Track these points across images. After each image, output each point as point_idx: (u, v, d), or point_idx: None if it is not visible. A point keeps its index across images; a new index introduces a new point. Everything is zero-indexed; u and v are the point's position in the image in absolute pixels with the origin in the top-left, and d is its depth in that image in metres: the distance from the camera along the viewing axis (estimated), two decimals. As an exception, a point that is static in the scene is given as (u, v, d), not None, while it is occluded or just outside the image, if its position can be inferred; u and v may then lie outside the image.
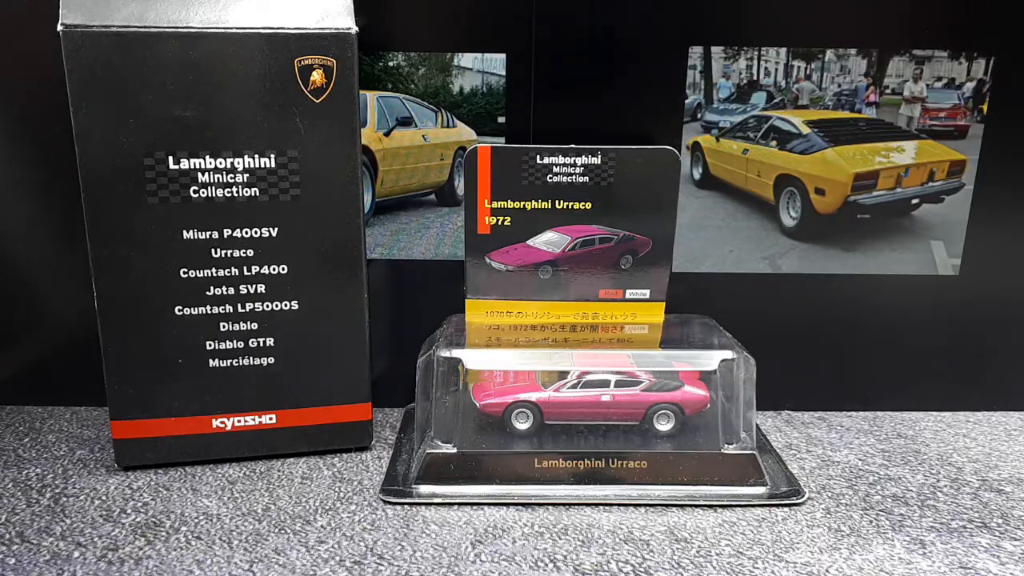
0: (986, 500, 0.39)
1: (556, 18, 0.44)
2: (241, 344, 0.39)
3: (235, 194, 0.37)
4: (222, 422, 0.40)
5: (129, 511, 0.37)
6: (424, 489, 0.38)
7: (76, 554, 0.33)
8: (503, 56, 0.44)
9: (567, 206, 0.43)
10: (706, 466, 0.39)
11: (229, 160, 0.36)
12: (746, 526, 0.36)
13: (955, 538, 0.36)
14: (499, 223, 0.43)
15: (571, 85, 0.45)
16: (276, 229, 0.38)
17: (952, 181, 0.47)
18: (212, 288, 0.38)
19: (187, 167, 0.36)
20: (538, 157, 0.42)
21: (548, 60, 0.44)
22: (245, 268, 0.38)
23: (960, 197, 0.47)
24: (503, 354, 0.42)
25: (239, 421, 0.40)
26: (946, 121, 0.46)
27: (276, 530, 0.35)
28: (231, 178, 0.37)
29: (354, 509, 0.37)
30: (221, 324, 0.39)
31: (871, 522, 0.37)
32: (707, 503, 0.38)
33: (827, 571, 0.33)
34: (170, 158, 0.36)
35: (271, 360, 0.40)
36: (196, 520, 0.36)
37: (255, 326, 0.39)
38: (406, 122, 0.45)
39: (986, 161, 0.46)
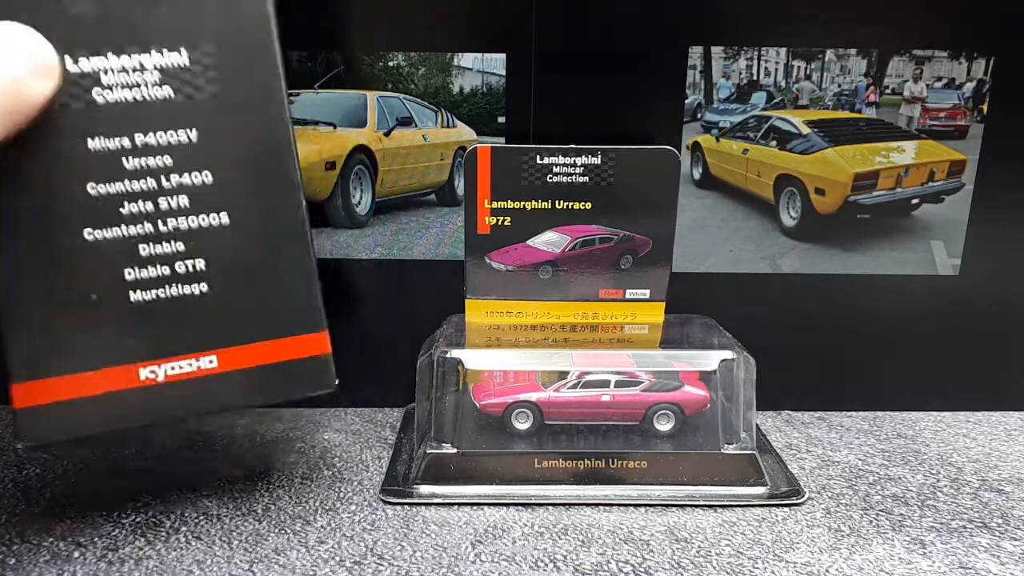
0: (986, 500, 0.39)
1: (556, 18, 0.44)
2: (167, 270, 0.33)
3: (146, 95, 0.32)
4: (152, 371, 0.33)
5: (129, 511, 0.37)
6: (424, 489, 0.38)
7: (76, 554, 0.33)
8: (503, 56, 0.44)
9: (567, 206, 0.43)
10: (706, 466, 0.39)
11: (136, 58, 0.32)
12: (746, 526, 0.36)
13: (955, 538, 0.36)
14: (499, 223, 0.43)
15: (571, 85, 0.45)
16: (195, 131, 0.33)
17: (952, 181, 0.47)
18: (127, 204, 0.32)
19: (88, 68, 0.31)
20: (538, 157, 0.42)
21: (548, 60, 0.44)
22: (163, 178, 0.33)
23: (960, 197, 0.47)
24: (503, 354, 0.42)
25: (172, 368, 0.33)
26: (946, 121, 0.46)
27: (276, 530, 0.35)
28: (140, 77, 0.33)
29: (354, 509, 0.37)
30: (140, 247, 0.33)
31: (871, 522, 0.37)
32: (707, 503, 0.38)
33: (827, 571, 0.33)
34: (68, 58, 0.31)
35: (204, 288, 0.34)
36: (196, 520, 0.36)
37: (181, 247, 0.33)
38: (406, 122, 0.45)
39: (986, 161, 0.46)
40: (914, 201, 0.47)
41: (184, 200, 0.33)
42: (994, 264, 0.48)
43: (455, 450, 0.39)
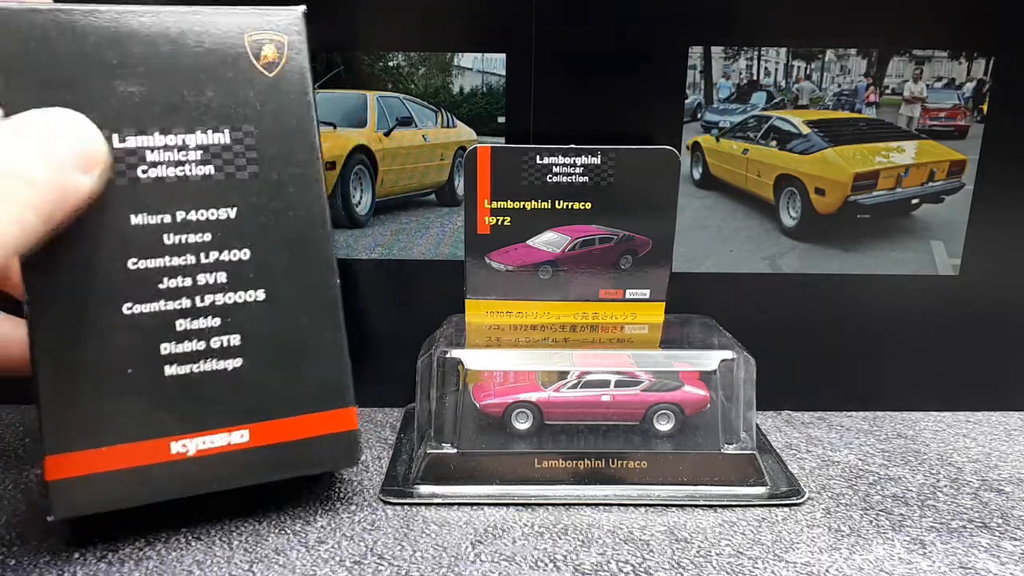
0: (986, 500, 0.39)
1: (556, 18, 0.44)
2: (202, 345, 0.34)
3: (188, 173, 0.33)
4: (183, 445, 0.34)
5: (129, 511, 0.37)
6: (424, 489, 0.38)
7: (76, 554, 0.33)
8: (503, 56, 0.44)
9: (567, 206, 0.43)
10: (706, 466, 0.39)
11: (180, 137, 0.33)
12: (746, 526, 0.36)
13: (955, 538, 0.36)
14: (499, 223, 0.43)
15: (571, 85, 0.45)
16: (234, 210, 0.34)
17: (952, 181, 0.47)
18: (166, 280, 0.33)
19: (134, 145, 0.32)
20: (538, 157, 0.42)
21: (548, 60, 0.44)
22: (203, 255, 0.34)
23: (960, 197, 0.47)
24: (503, 354, 0.42)
25: (203, 443, 0.34)
26: (946, 121, 0.46)
27: (276, 530, 0.35)
28: (183, 156, 0.33)
29: (354, 509, 0.37)
30: (177, 322, 0.34)
31: (871, 522, 0.37)
32: (707, 503, 0.38)
33: (827, 571, 0.33)
34: (115, 136, 0.32)
35: (238, 363, 0.34)
36: (196, 520, 0.36)
37: (217, 322, 0.34)
38: (406, 122, 0.45)
39: (986, 161, 0.46)
40: (914, 201, 0.47)
41: (222, 276, 0.34)
42: (994, 264, 0.48)
43: (455, 450, 0.39)
